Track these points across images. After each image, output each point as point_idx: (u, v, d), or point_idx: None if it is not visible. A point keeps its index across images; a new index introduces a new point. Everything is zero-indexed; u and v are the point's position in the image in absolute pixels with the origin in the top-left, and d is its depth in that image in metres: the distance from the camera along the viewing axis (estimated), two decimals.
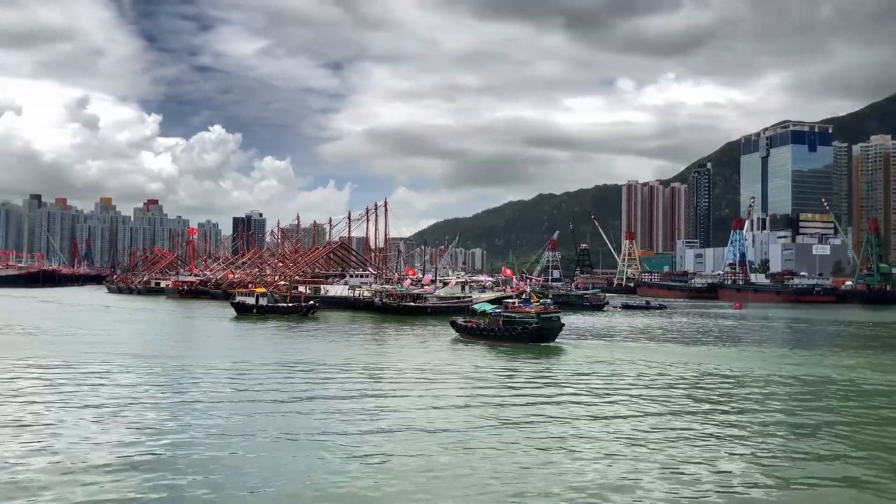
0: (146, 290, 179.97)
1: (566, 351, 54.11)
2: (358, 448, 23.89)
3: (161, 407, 30.44)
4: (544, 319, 57.08)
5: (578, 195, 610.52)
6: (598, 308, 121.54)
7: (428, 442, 24.89)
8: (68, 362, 44.16)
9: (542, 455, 23.47)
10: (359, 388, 36.42)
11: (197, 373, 40.86)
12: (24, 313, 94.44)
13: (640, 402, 33.40)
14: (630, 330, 79.34)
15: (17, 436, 24.82)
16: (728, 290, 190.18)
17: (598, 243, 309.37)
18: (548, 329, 56.87)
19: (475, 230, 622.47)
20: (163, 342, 60.73)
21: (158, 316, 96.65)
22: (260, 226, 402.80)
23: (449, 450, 23.85)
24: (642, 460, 23.05)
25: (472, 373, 42.31)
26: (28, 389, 34.30)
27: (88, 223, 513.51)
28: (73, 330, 69.68)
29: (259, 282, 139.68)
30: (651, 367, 45.48)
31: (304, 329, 73.42)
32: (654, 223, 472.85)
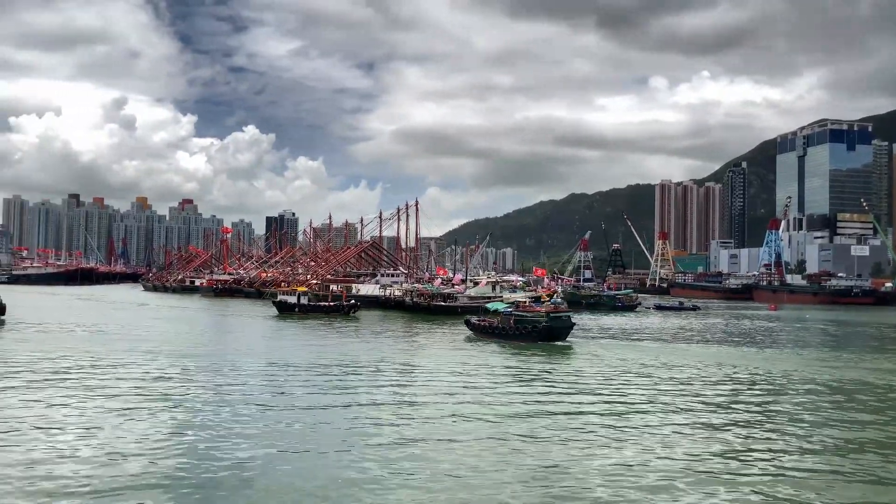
0: (181, 288, 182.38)
1: (575, 350, 54.20)
2: (393, 446, 23.99)
3: (205, 402, 30.81)
4: (553, 318, 57.79)
5: (611, 195, 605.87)
6: (630, 309, 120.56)
7: (460, 442, 24.86)
8: (118, 360, 44.95)
9: (571, 454, 23.34)
10: (394, 386, 36.58)
11: (242, 371, 41.28)
12: (65, 310, 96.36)
13: (663, 404, 33.04)
14: (659, 330, 78.56)
15: (53, 433, 25.22)
16: (763, 291, 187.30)
17: (630, 244, 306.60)
18: (557, 328, 57.48)
19: (506, 230, 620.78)
20: (209, 341, 61.40)
21: (200, 315, 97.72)
22: (292, 225, 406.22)
23: (483, 451, 23.81)
24: (675, 460, 22.80)
25: (495, 372, 42.22)
26: (80, 386, 34.92)
27: (125, 222, 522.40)
28: (120, 327, 70.91)
29: (293, 280, 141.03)
30: (676, 368, 44.98)
31: (345, 328, 73.56)
32: (688, 223, 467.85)
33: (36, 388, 33.71)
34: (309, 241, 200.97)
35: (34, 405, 29.35)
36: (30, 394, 32.00)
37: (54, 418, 26.91)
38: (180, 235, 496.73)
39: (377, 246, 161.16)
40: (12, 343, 53.05)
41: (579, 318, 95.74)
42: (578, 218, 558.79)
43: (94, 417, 27.42)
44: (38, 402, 30.06)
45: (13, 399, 30.78)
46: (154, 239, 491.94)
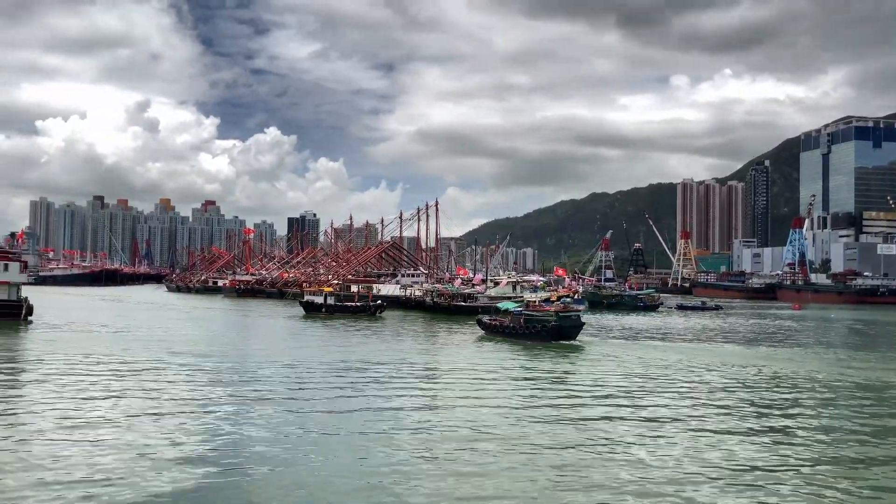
0: (204, 289, 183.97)
1: (591, 350, 54.22)
2: (419, 446, 24.04)
3: (231, 402, 31.07)
4: (562, 318, 58.25)
5: (632, 194, 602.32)
6: (652, 308, 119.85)
7: (483, 441, 24.88)
8: (143, 360, 45.46)
9: (593, 456, 23.28)
10: (414, 387, 36.67)
11: (271, 371, 41.48)
12: (90, 311, 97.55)
13: (684, 405, 32.83)
14: (682, 330, 78.00)
15: (78, 433, 25.48)
16: (787, 291, 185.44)
17: (652, 243, 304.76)
18: (566, 327, 57.88)
19: (526, 230, 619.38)
20: (239, 341, 61.84)
21: (227, 315, 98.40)
22: (314, 226, 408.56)
23: (506, 449, 23.82)
24: (697, 463, 22.67)
25: (513, 373, 42.17)
26: (105, 386, 35.34)
27: (149, 223, 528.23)
28: (147, 328, 71.68)
29: (314, 281, 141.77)
30: (699, 369, 44.66)
31: (370, 328, 73.61)
32: (711, 222, 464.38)
33: (61, 388, 34.14)
34: (330, 242, 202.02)
35: (60, 405, 29.66)
36: (55, 394, 32.39)
37: (79, 419, 27.15)
38: (203, 236, 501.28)
39: (397, 246, 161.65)
40: (39, 343, 53.82)
41: (601, 319, 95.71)
42: (599, 217, 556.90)
43: (119, 418, 27.64)
44: (63, 402, 30.38)
45: (39, 399, 31.16)
46: (177, 240, 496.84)
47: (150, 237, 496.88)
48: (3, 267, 73.38)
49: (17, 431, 24.98)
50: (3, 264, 73.62)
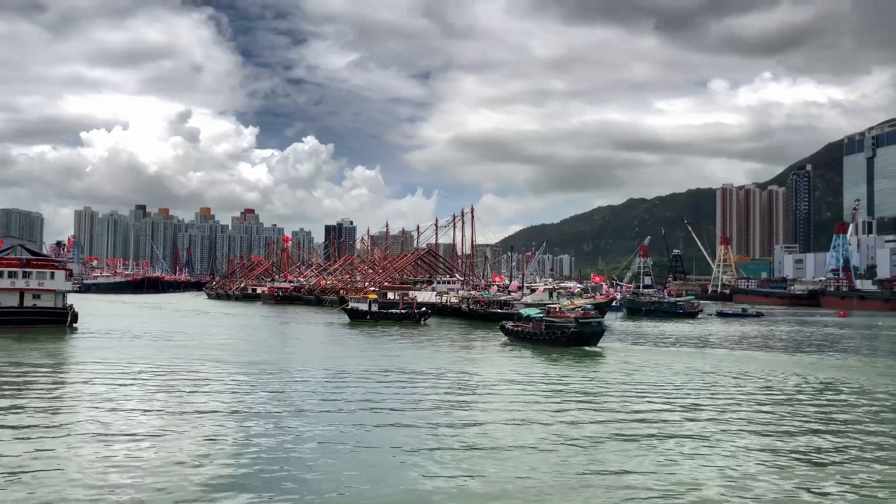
0: (243, 296, 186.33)
1: (604, 356, 54.37)
2: (451, 455, 23.96)
3: (275, 409, 31.32)
4: (582, 324, 59.03)
5: (670, 199, 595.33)
6: (691, 316, 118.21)
7: (522, 451, 24.71)
8: (188, 367, 46.07)
9: (630, 464, 22.97)
10: (453, 394, 36.58)
11: (319, 377, 41.67)
12: (133, 318, 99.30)
13: (722, 414, 32.20)
14: (723, 338, 76.67)
15: (119, 438, 25.75)
16: (831, 297, 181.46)
17: (691, 249, 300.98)
18: (586, 333, 58.57)
19: (563, 236, 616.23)
20: (286, 348, 62.22)
21: (271, 323, 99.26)
22: (350, 233, 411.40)
23: (540, 460, 23.64)
24: (731, 471, 22.22)
25: (547, 379, 41.80)
26: (147, 392, 35.88)
27: (189, 232, 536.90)
28: (193, 335, 72.69)
29: (351, 288, 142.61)
30: (740, 377, 43.81)
31: (414, 336, 73.35)
32: (751, 228, 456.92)
33: (103, 394, 34.70)
34: (366, 249, 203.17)
35: (101, 412, 30.09)
36: (97, 400, 32.85)
37: (119, 426, 27.41)
38: (242, 244, 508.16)
39: (433, 253, 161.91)
40: (83, 350, 54.92)
41: (639, 326, 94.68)
42: (637, 223, 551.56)
43: (159, 425, 27.88)
44: (104, 409, 30.78)
45: (81, 405, 31.71)
46: (217, 248, 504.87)
47: (191, 245, 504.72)
48: (50, 275, 75.11)
49: (59, 437, 25.36)
50: (49, 272, 75.35)
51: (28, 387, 36.57)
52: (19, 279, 72.98)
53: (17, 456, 22.66)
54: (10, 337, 61.43)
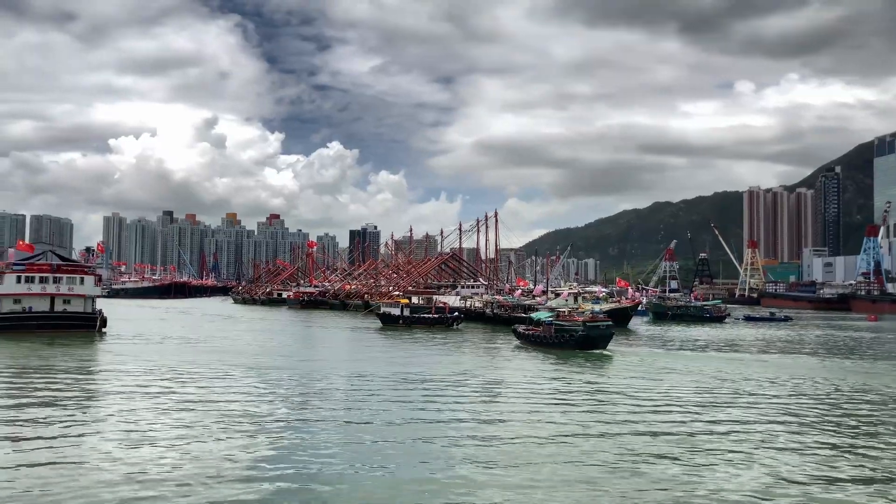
0: (269, 300, 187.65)
1: (612, 359, 54.81)
2: (477, 462, 23.92)
3: (306, 414, 31.53)
4: (590, 328, 59.87)
5: (696, 203, 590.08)
6: (718, 320, 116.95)
7: (546, 460, 24.60)
8: (219, 371, 46.49)
9: (657, 470, 22.76)
10: (477, 400, 36.54)
11: (350, 382, 41.79)
12: (161, 322, 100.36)
13: (752, 419, 31.78)
14: (752, 342, 75.73)
15: (148, 442, 25.98)
16: (861, 301, 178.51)
17: (718, 253, 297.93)
18: (593, 337, 59.23)
19: (587, 240, 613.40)
20: (317, 353, 62.23)
21: (299, 328, 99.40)
22: (375, 238, 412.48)
23: (565, 465, 23.52)
24: (759, 479, 21.93)
25: (569, 385, 41.57)
26: (176, 397, 36.19)
27: (216, 237, 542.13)
28: (221, 339, 73.41)
29: (375, 292, 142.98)
30: (768, 382, 43.25)
31: (444, 340, 73.22)
32: (779, 231, 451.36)
33: (131, 398, 35.12)
34: (390, 254, 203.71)
35: (128, 415, 30.45)
36: (125, 404, 33.28)
37: (146, 429, 27.62)
38: (268, 249, 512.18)
39: (457, 257, 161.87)
40: (112, 354, 55.64)
41: (665, 330, 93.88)
42: (663, 227, 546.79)
43: (186, 429, 28.07)
44: (132, 412, 31.12)
45: (109, 410, 32.08)
46: (243, 253, 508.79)
47: (218, 250, 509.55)
48: (79, 280, 76.21)
49: (85, 440, 25.73)
50: (79, 278, 76.46)
51: (58, 391, 37.08)
52: (50, 284, 74.18)
53: (44, 461, 23.02)
54: (42, 341, 62.45)
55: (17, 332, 67.96)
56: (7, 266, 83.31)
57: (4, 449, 24.35)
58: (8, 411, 31.19)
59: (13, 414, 30.63)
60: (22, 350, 56.36)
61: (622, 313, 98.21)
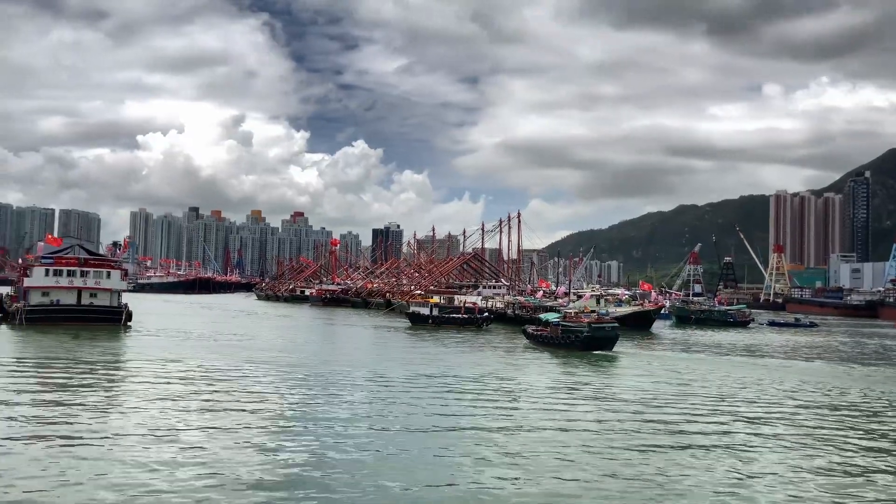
0: (292, 297, 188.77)
1: (618, 359, 55.56)
2: (498, 464, 23.93)
3: (332, 415, 31.70)
4: (595, 329, 60.80)
5: (722, 206, 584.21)
6: (742, 325, 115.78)
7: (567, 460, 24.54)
8: (243, 369, 46.86)
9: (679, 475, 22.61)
10: (498, 401, 36.52)
11: (376, 383, 41.86)
12: (185, 317, 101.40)
13: (772, 426, 31.45)
14: (778, 348, 74.87)
15: (168, 439, 26.14)
16: (890, 309, 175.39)
17: (743, 257, 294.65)
18: (598, 338, 60.11)
19: (611, 242, 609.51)
20: (346, 353, 61.82)
21: (322, 326, 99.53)
22: (397, 237, 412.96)
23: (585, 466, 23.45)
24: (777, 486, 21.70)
25: (590, 386, 41.37)
26: (199, 392, 36.47)
27: (240, 234, 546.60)
28: (250, 336, 74.02)
29: (397, 291, 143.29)
30: (790, 388, 42.75)
31: (477, 341, 72.97)
32: (805, 236, 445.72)
33: (153, 393, 35.49)
34: (413, 253, 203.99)
35: (150, 410, 30.71)
36: (147, 399, 33.63)
37: (166, 426, 27.62)
38: (292, 247, 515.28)
39: (479, 258, 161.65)
40: (137, 349, 56.30)
41: (688, 334, 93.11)
42: (687, 230, 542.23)
43: (206, 426, 28.26)
44: (153, 407, 31.30)
45: (133, 404, 32.42)
46: (267, 250, 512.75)
47: (242, 247, 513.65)
48: (106, 274, 77.25)
49: (106, 435, 25.94)
50: (105, 272, 77.49)
51: (83, 384, 37.65)
52: (77, 278, 75.26)
53: (67, 454, 23.35)
54: (68, 333, 63.33)
55: (45, 325, 69.01)
56: (36, 259, 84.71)
57: (31, 441, 24.72)
58: (34, 403, 31.73)
59: (39, 405, 31.15)
60: (49, 342, 57.26)
61: (645, 316, 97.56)
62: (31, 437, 25.10)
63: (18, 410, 29.49)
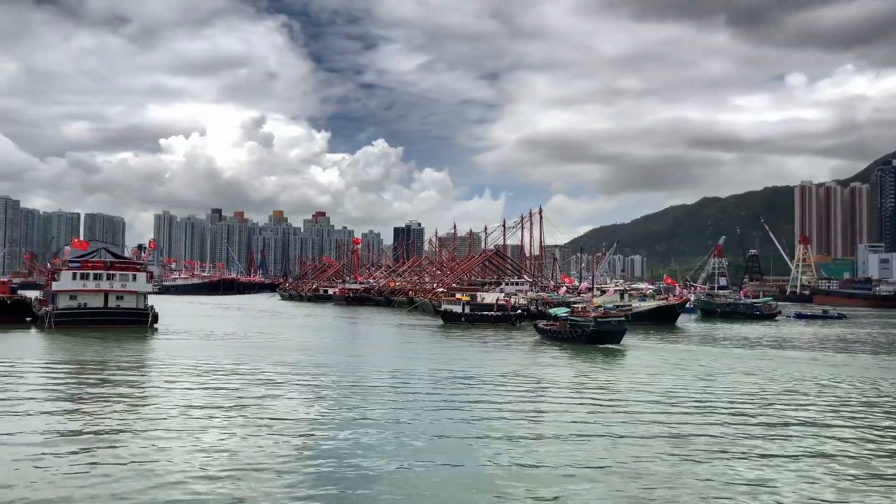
0: (315, 297, 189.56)
1: (623, 353, 56.69)
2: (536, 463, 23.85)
3: (360, 414, 31.83)
4: (601, 323, 62.35)
5: (746, 198, 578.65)
6: (769, 318, 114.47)
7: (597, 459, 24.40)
8: (273, 369, 47.19)
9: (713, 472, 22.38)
10: (523, 398, 36.42)
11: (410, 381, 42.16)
12: (212, 318, 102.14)
13: (801, 421, 31.01)
14: (808, 341, 73.94)
15: (193, 439, 26.31)
16: None
17: (768, 249, 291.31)
18: (604, 332, 61.51)
19: (634, 236, 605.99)
20: (380, 352, 61.10)
21: (349, 324, 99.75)
22: (418, 235, 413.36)
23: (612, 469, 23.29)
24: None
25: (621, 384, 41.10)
26: (225, 393, 36.73)
27: (263, 235, 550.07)
28: (277, 336, 74.37)
29: (419, 289, 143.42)
30: (821, 382, 42.17)
31: (512, 339, 72.24)
32: (832, 226, 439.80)
33: (179, 394, 35.81)
34: (434, 251, 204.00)
35: (179, 411, 30.95)
36: (174, 400, 33.92)
37: (191, 426, 27.77)
38: (314, 246, 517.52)
39: (501, 254, 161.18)
40: (164, 351, 56.83)
41: (713, 328, 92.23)
42: (711, 223, 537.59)
43: (232, 426, 28.37)
44: (178, 408, 31.51)
45: (160, 405, 32.73)
46: (290, 250, 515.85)
47: (265, 248, 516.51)
48: (132, 277, 78.12)
49: (135, 435, 26.20)
50: (131, 275, 78.37)
51: (111, 385, 38.08)
52: (104, 281, 76.19)
53: (96, 455, 23.61)
54: (96, 336, 64.15)
55: (73, 327, 69.97)
56: (63, 263, 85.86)
57: (62, 441, 25.05)
58: (64, 404, 32.17)
59: (69, 406, 31.58)
60: (78, 344, 58.07)
61: (669, 311, 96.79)
62: (61, 437, 25.44)
63: (49, 411, 29.93)
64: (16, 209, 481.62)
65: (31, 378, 39.71)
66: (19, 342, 61.98)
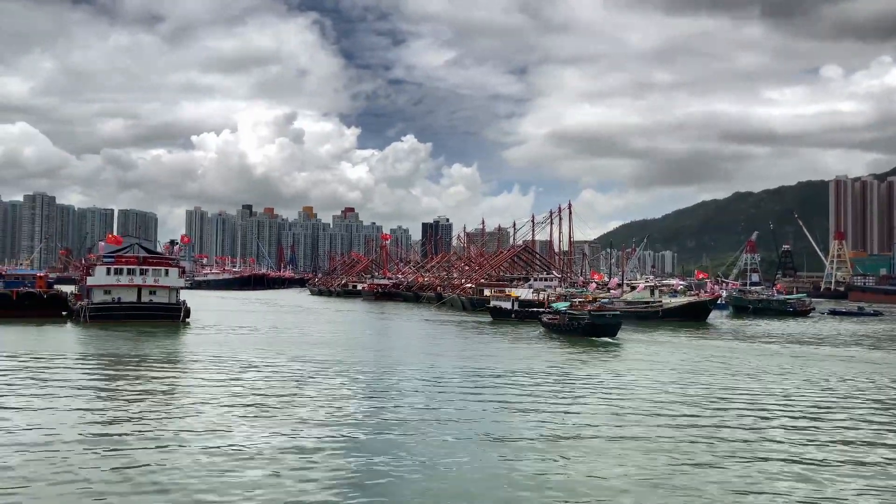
0: (344, 292, 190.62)
1: (619, 347, 58.08)
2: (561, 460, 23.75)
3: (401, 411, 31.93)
4: (596, 316, 65.93)
5: (779, 193, 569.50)
6: (803, 314, 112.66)
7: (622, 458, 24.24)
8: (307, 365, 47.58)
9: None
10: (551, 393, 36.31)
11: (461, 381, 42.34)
12: (244, 314, 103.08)
13: (829, 419, 30.48)
14: (846, 339, 72.71)
15: (223, 436, 26.49)
16: None
17: (801, 245, 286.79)
18: (598, 325, 64.43)
19: (665, 232, 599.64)
20: (426, 349, 60.01)
21: (380, 320, 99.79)
22: (447, 230, 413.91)
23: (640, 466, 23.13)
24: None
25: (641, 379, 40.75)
26: (257, 388, 36.99)
27: (293, 230, 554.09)
28: (314, 332, 74.96)
29: (447, 284, 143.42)
30: (854, 382, 41.45)
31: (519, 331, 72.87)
32: (868, 222, 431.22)
33: (212, 388, 36.21)
34: (463, 246, 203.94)
35: (210, 407, 31.24)
36: (207, 394, 34.29)
37: (223, 422, 27.79)
38: (343, 242, 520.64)
39: (529, 250, 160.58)
40: (195, 345, 57.56)
41: (744, 325, 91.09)
42: (743, 218, 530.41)
43: (266, 421, 28.63)
44: (213, 403, 31.85)
45: (191, 399, 33.14)
46: (319, 246, 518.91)
47: (295, 243, 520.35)
48: (164, 272, 79.24)
49: (168, 430, 26.52)
50: (163, 270, 79.51)
51: (145, 379, 38.65)
52: (137, 276, 77.43)
53: (129, 450, 23.96)
54: (130, 330, 65.18)
55: (107, 322, 71.20)
56: (97, 259, 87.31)
57: (96, 436, 25.46)
58: (99, 397, 32.76)
59: (104, 400, 32.15)
60: (112, 338, 59.06)
61: (701, 307, 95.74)
62: (96, 428, 25.90)
63: (84, 405, 30.48)
64: (51, 205, 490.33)
65: (66, 372, 40.48)
66: (56, 336, 63.24)
